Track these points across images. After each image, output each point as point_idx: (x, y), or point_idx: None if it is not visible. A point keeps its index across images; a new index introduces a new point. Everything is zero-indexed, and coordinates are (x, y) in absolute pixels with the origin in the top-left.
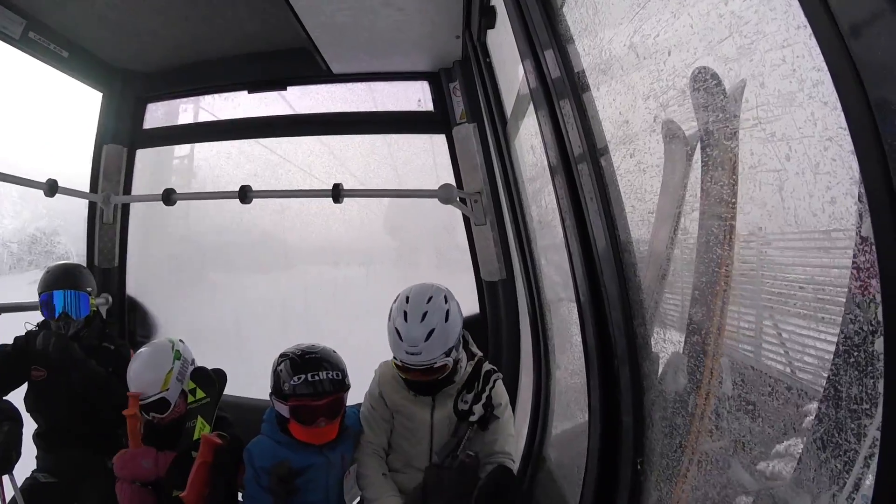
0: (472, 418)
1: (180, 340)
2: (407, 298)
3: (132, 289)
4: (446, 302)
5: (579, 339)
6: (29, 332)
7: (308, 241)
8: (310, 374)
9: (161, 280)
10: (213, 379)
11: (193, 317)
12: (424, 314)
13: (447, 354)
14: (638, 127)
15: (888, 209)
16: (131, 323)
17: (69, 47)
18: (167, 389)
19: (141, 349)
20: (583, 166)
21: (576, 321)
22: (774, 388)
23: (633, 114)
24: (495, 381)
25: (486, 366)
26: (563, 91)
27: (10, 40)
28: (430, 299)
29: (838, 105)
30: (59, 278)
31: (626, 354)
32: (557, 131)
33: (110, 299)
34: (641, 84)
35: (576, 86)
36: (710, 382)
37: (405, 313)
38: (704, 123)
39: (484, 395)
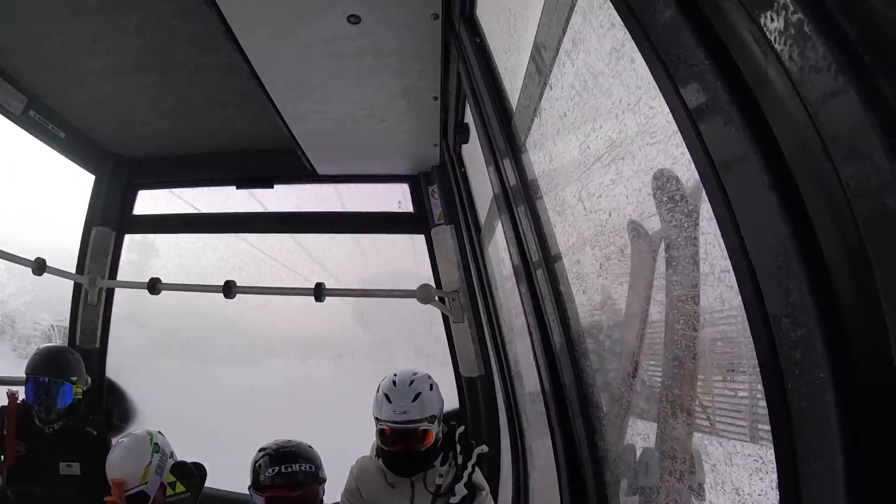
0: (454, 500)
1: (159, 433)
2: (394, 373)
3: (112, 371)
4: (430, 379)
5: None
6: (14, 403)
7: (289, 336)
8: (284, 466)
9: (141, 365)
10: (193, 472)
11: (172, 404)
12: (412, 381)
13: (431, 422)
14: (583, 244)
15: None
16: (109, 406)
17: (66, 128)
18: (146, 483)
19: (119, 439)
20: (540, 272)
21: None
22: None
23: (582, 254)
24: (479, 455)
25: (462, 436)
26: (523, 209)
27: (10, 116)
28: (415, 373)
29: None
30: (43, 364)
31: (591, 463)
32: (517, 237)
33: (89, 380)
34: (587, 231)
35: (531, 197)
36: (672, 492)
37: (393, 381)
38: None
39: (466, 473)
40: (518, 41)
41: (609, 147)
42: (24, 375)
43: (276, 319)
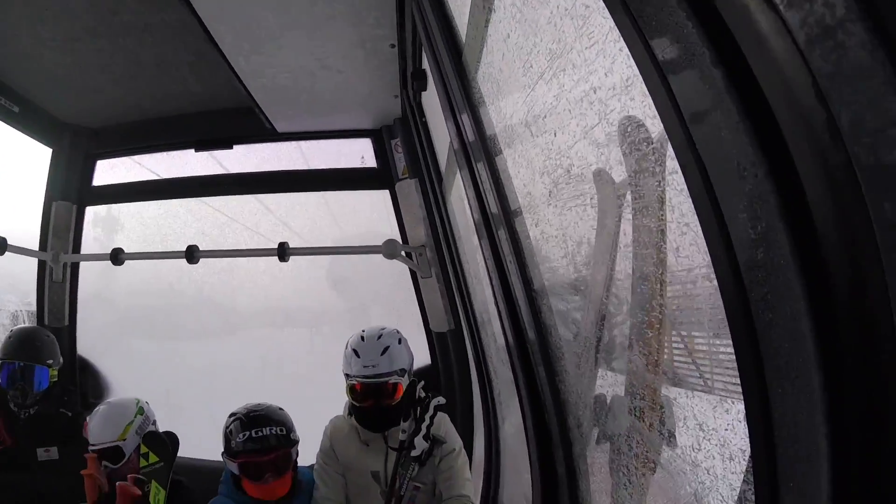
0: (414, 452)
1: (146, 402)
2: (363, 329)
3: (83, 349)
4: (398, 333)
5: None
6: None
7: (257, 302)
8: (254, 430)
9: (113, 340)
10: (165, 442)
11: (145, 378)
12: (380, 336)
13: (401, 375)
14: (538, 197)
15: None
16: (83, 384)
17: (19, 102)
18: (124, 440)
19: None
20: (500, 227)
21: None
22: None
23: (532, 185)
24: (436, 408)
25: (422, 392)
26: (478, 155)
27: None
28: (383, 328)
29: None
30: (18, 348)
31: (553, 407)
32: (477, 191)
33: (61, 360)
34: (537, 160)
35: (489, 150)
36: (631, 427)
37: (361, 337)
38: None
39: (424, 425)
40: None
41: (549, 60)
42: None
43: (248, 290)
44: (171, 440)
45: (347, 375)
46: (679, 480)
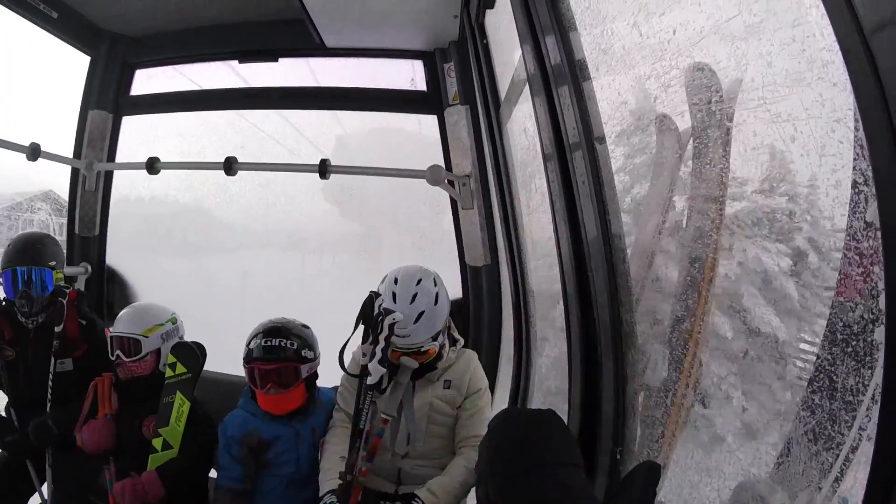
0: (371, 380)
1: (179, 317)
2: (395, 280)
3: (112, 258)
4: (435, 285)
5: (563, 326)
6: None
7: (293, 220)
8: (266, 339)
9: (141, 251)
10: (195, 353)
11: (173, 289)
12: (414, 296)
13: (434, 339)
14: (636, 115)
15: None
16: (110, 293)
17: (58, 7)
18: (146, 336)
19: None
20: (577, 154)
21: (560, 309)
22: (761, 380)
23: (632, 98)
24: (391, 326)
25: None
26: (562, 78)
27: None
28: (419, 282)
29: (848, 86)
30: (19, 252)
31: (611, 344)
32: (554, 118)
33: (89, 268)
34: (643, 64)
35: (576, 73)
36: (692, 374)
37: (394, 294)
38: (701, 109)
39: (379, 348)
40: None
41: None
42: None
43: (283, 208)
44: (200, 350)
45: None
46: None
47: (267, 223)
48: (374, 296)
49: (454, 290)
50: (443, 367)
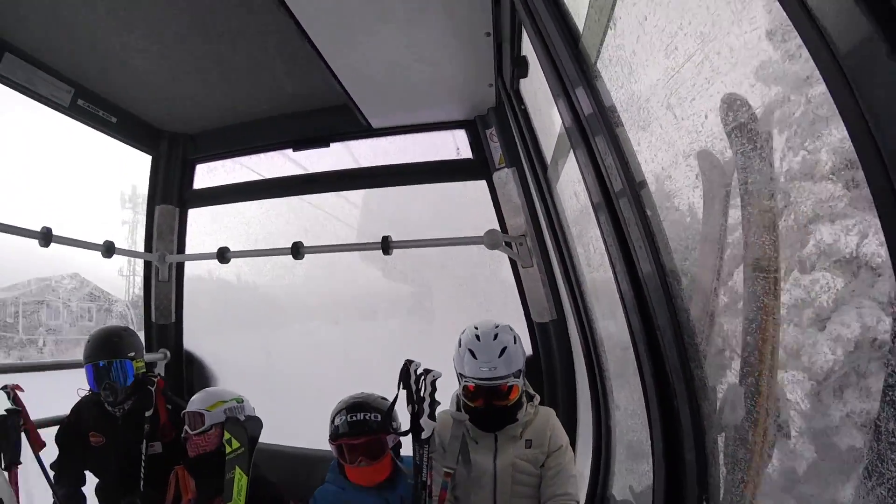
0: (424, 435)
1: (247, 400)
2: (475, 326)
3: (189, 343)
4: (511, 330)
5: (636, 378)
6: (82, 400)
7: (358, 293)
8: (350, 415)
9: (216, 333)
10: (244, 429)
11: (247, 368)
12: (496, 335)
13: (517, 377)
14: (674, 154)
15: None
16: (189, 376)
17: (117, 112)
18: (209, 411)
19: None
20: (624, 201)
21: (631, 360)
22: (837, 419)
23: (667, 138)
24: (433, 383)
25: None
26: (596, 128)
27: (59, 108)
28: (497, 325)
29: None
30: (99, 348)
31: (685, 393)
32: (596, 168)
33: (168, 354)
34: (680, 142)
35: (609, 122)
36: (768, 415)
37: (476, 336)
38: (740, 139)
39: (426, 405)
40: None
41: (701, 43)
42: (83, 364)
43: (348, 279)
44: (251, 426)
45: (461, 375)
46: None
47: (332, 294)
48: (408, 363)
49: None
50: (522, 423)
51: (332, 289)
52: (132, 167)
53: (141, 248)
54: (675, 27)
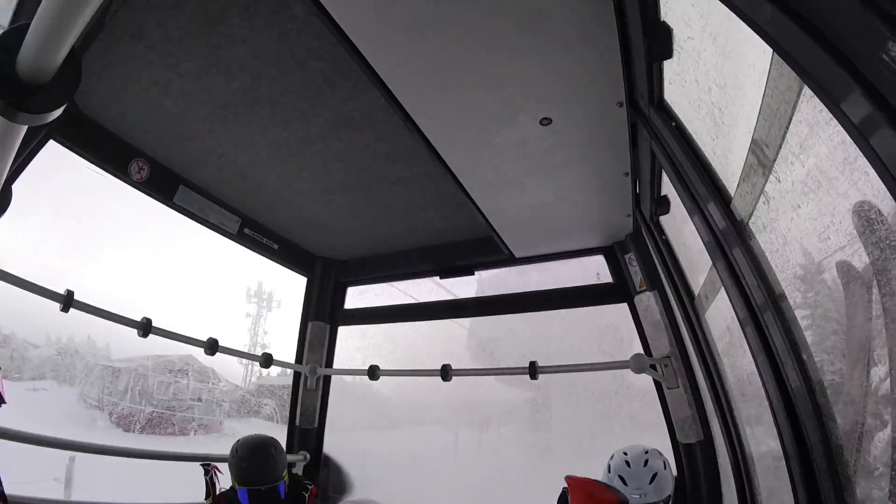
0: None
1: None
2: (624, 451)
3: (329, 447)
4: (661, 455)
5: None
6: None
7: (502, 411)
8: None
9: (355, 442)
10: None
11: (384, 479)
12: (646, 461)
13: (666, 502)
14: (810, 263)
15: None
16: (324, 479)
17: (279, 241)
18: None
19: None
20: (767, 315)
21: (787, 486)
22: None
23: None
24: None
25: None
26: (732, 240)
27: (228, 235)
28: (646, 451)
29: None
30: (258, 470)
31: None
32: (737, 282)
33: (308, 456)
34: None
35: (743, 235)
36: None
37: (626, 462)
38: (876, 244)
39: None
40: (728, 131)
41: (850, 240)
42: (236, 485)
43: (502, 401)
44: None
45: None
46: None
47: (463, 401)
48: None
49: None
50: None
51: (467, 400)
52: (256, 265)
53: (260, 339)
54: (828, 221)
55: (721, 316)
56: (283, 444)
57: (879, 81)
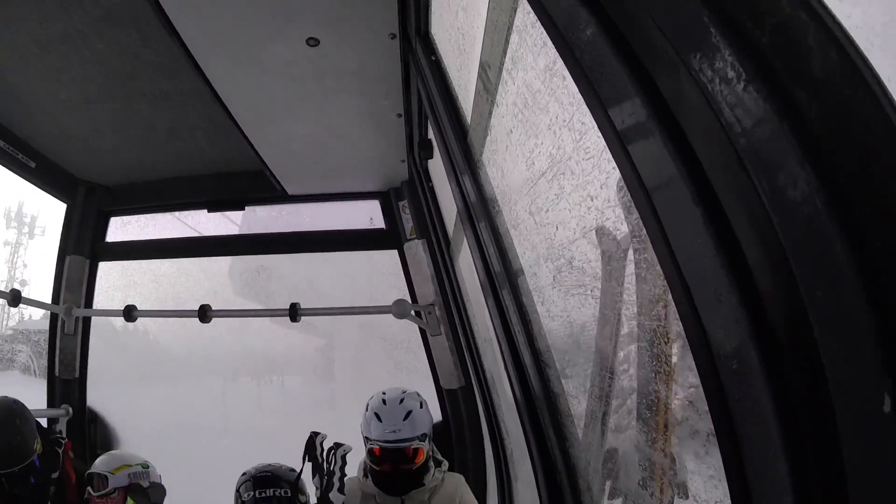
0: None
1: (154, 467)
2: (383, 391)
3: (96, 401)
4: (419, 396)
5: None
6: None
7: (269, 356)
8: (259, 491)
9: (121, 392)
10: (148, 497)
11: (153, 430)
12: (402, 399)
13: (422, 440)
14: (536, 259)
15: None
16: (92, 435)
17: (36, 158)
18: (113, 474)
19: None
20: (504, 285)
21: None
22: None
23: (538, 268)
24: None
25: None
26: (480, 214)
27: None
28: (404, 391)
29: None
30: (6, 455)
31: (564, 471)
32: (482, 254)
33: (70, 411)
34: (541, 246)
35: (489, 210)
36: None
37: (383, 400)
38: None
39: (336, 478)
40: (467, 59)
41: (551, 163)
42: None
43: (268, 346)
44: (155, 494)
45: (367, 438)
46: None
47: (241, 350)
48: (314, 436)
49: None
50: (430, 489)
51: (245, 348)
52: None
53: (19, 275)
54: (532, 144)
55: (470, 268)
56: (45, 398)
57: None
